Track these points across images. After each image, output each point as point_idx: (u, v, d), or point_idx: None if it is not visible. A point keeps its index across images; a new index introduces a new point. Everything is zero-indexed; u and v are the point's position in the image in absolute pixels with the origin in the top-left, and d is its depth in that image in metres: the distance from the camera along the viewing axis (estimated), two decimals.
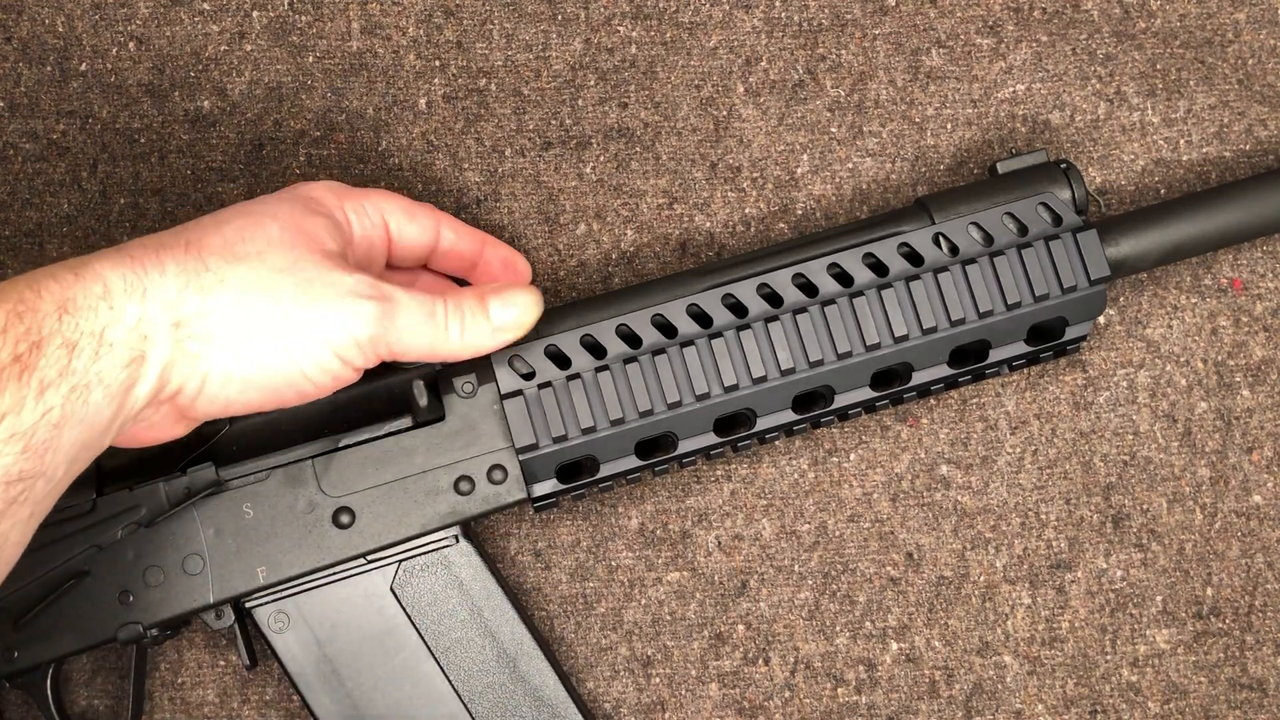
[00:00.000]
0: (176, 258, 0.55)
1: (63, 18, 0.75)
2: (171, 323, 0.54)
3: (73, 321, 0.51)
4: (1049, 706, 0.72)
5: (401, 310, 0.58)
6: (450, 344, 0.60)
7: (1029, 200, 0.67)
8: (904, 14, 0.77)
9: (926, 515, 0.73)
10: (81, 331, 0.51)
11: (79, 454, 0.52)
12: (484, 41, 0.76)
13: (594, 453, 0.65)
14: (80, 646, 0.63)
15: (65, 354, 0.50)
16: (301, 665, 0.64)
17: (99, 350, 0.52)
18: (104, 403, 0.52)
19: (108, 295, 0.52)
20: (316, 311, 0.56)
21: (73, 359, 0.51)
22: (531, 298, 0.62)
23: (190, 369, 0.55)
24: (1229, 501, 0.74)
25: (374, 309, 0.57)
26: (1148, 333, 0.75)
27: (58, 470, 0.51)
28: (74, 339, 0.51)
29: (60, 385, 0.50)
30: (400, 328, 0.59)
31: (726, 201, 0.75)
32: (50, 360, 0.50)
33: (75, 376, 0.51)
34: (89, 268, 0.53)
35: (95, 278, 0.52)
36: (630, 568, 0.72)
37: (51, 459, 0.51)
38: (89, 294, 0.52)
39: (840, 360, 0.66)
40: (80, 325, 0.51)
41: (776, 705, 0.72)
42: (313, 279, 0.57)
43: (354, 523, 0.64)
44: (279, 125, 0.75)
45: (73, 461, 0.52)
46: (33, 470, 0.50)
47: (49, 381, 0.50)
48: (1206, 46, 0.77)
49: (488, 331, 0.61)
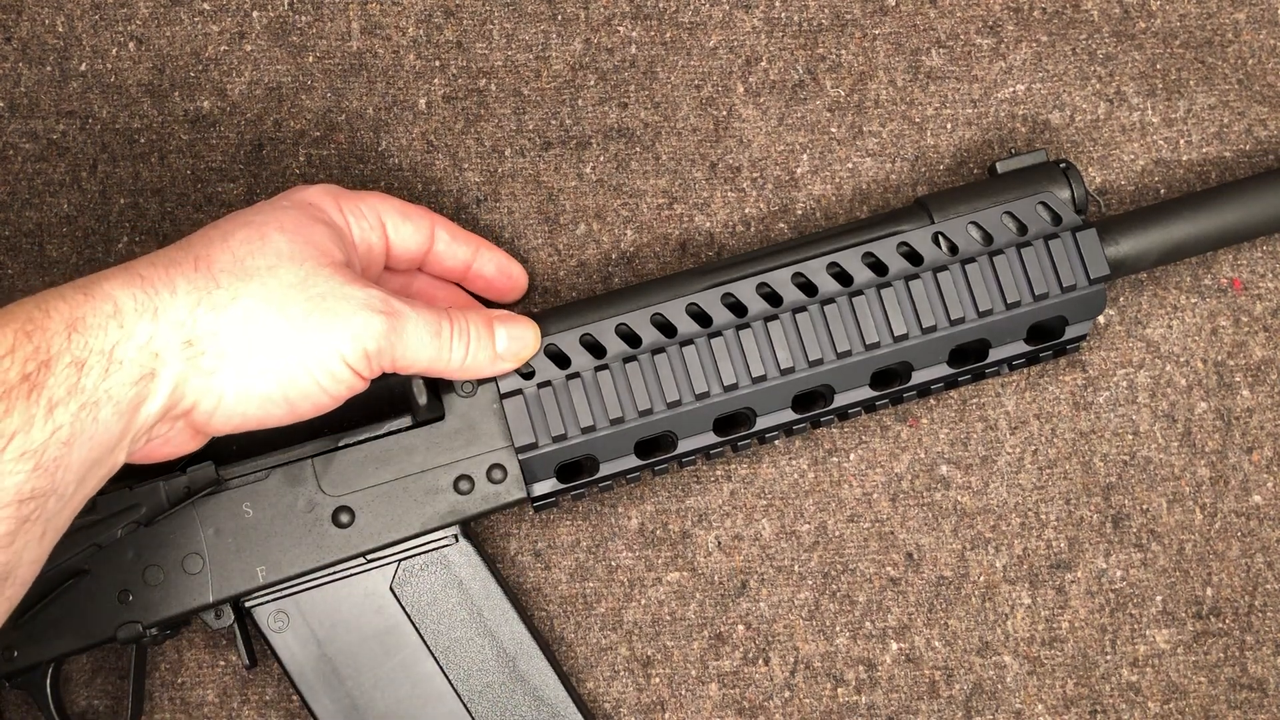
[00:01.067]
0: (187, 275, 0.55)
1: (63, 18, 0.75)
2: (183, 341, 0.54)
3: (82, 340, 0.51)
4: (1049, 706, 0.72)
5: (409, 326, 0.59)
6: (452, 364, 0.62)
7: (1029, 200, 0.67)
8: (904, 14, 0.77)
9: (926, 515, 0.73)
10: (91, 349, 0.51)
11: (90, 471, 0.53)
12: (484, 41, 0.76)
13: (594, 452, 0.65)
14: (80, 646, 0.63)
15: (74, 372, 0.51)
16: (301, 665, 0.64)
17: (108, 368, 0.52)
18: (113, 419, 0.52)
19: (118, 314, 0.53)
20: (329, 325, 0.57)
21: (82, 377, 0.51)
22: (534, 333, 0.64)
23: (204, 386, 0.55)
24: (1229, 501, 0.74)
25: (383, 323, 0.58)
26: (1148, 333, 0.74)
27: (69, 487, 0.52)
28: (83, 357, 0.51)
29: (69, 403, 0.50)
30: (407, 342, 0.59)
31: (726, 201, 0.75)
32: (59, 379, 0.50)
33: (84, 394, 0.51)
34: (98, 287, 0.53)
35: (105, 297, 0.53)
36: (630, 568, 0.72)
37: (62, 476, 0.51)
38: (99, 313, 0.52)
39: (840, 360, 0.66)
40: (90, 343, 0.51)
41: (776, 705, 0.72)
42: (324, 293, 0.57)
43: (354, 522, 0.64)
44: (279, 125, 0.75)
45: (84, 478, 0.53)
46: (45, 488, 0.50)
47: (58, 399, 0.50)
48: (1206, 46, 0.77)
49: (489, 359, 0.63)
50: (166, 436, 0.57)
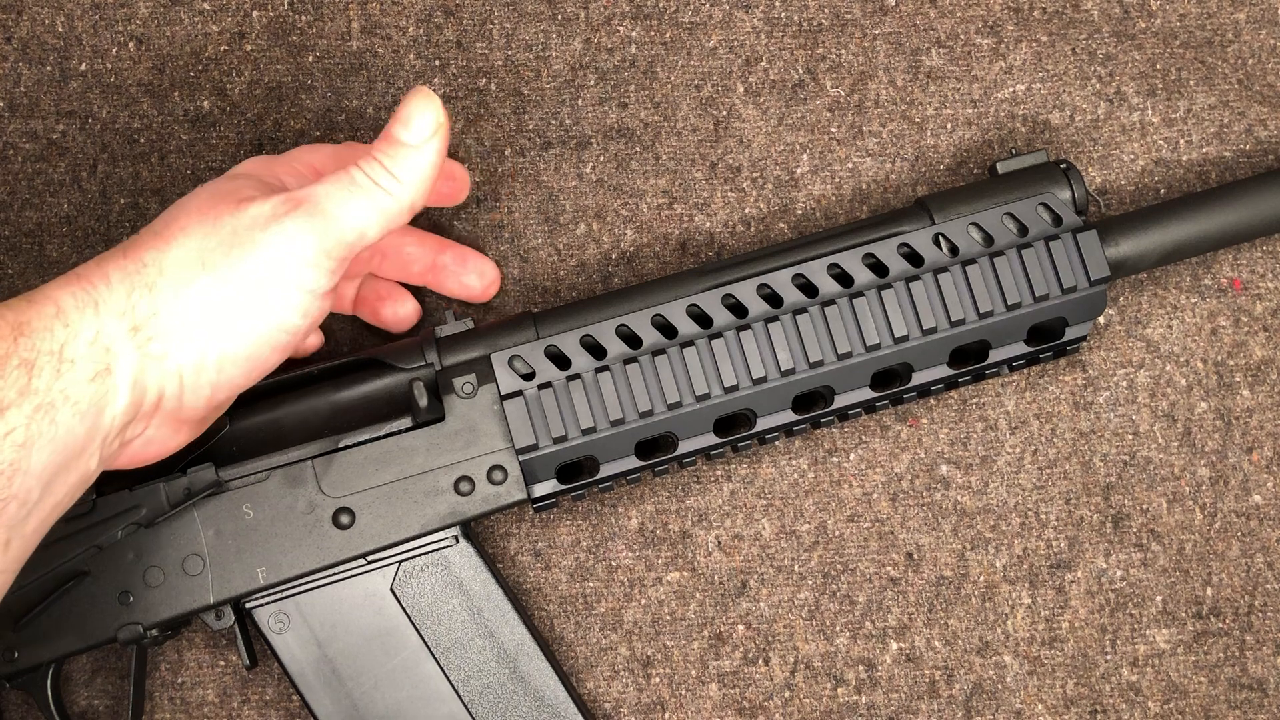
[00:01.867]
0: (118, 264, 0.55)
1: (63, 18, 0.75)
2: (130, 329, 0.54)
3: (29, 343, 0.51)
4: (1049, 706, 0.72)
5: (325, 200, 0.56)
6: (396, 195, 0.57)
7: (1029, 200, 0.67)
8: (904, 14, 0.77)
9: (926, 515, 0.73)
10: (38, 351, 0.51)
11: (56, 477, 0.52)
12: (484, 41, 0.76)
13: (594, 453, 0.65)
14: (80, 647, 0.63)
15: (24, 374, 0.50)
16: (301, 665, 0.64)
17: (60, 368, 0.51)
18: (75, 422, 0.52)
19: (60, 314, 0.52)
20: (255, 257, 0.55)
21: (32, 378, 0.51)
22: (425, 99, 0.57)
23: (160, 371, 0.54)
24: (1229, 501, 0.74)
25: (302, 219, 0.55)
26: (1148, 333, 0.75)
27: (32, 494, 0.51)
28: (31, 358, 0.51)
29: (22, 405, 0.50)
30: (338, 216, 0.56)
31: (726, 201, 0.75)
32: (8, 381, 0.50)
33: (38, 395, 0.51)
34: (42, 293, 0.53)
35: (48, 300, 0.53)
36: (630, 568, 0.72)
37: (22, 482, 0.50)
38: (43, 315, 0.52)
39: (840, 360, 0.66)
40: (36, 345, 0.51)
41: (776, 705, 0.72)
42: (235, 227, 0.55)
43: (354, 523, 0.64)
44: (279, 125, 0.75)
45: (49, 485, 0.52)
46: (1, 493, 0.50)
47: (9, 402, 0.50)
48: (1206, 46, 0.77)
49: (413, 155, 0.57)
50: (147, 436, 0.57)
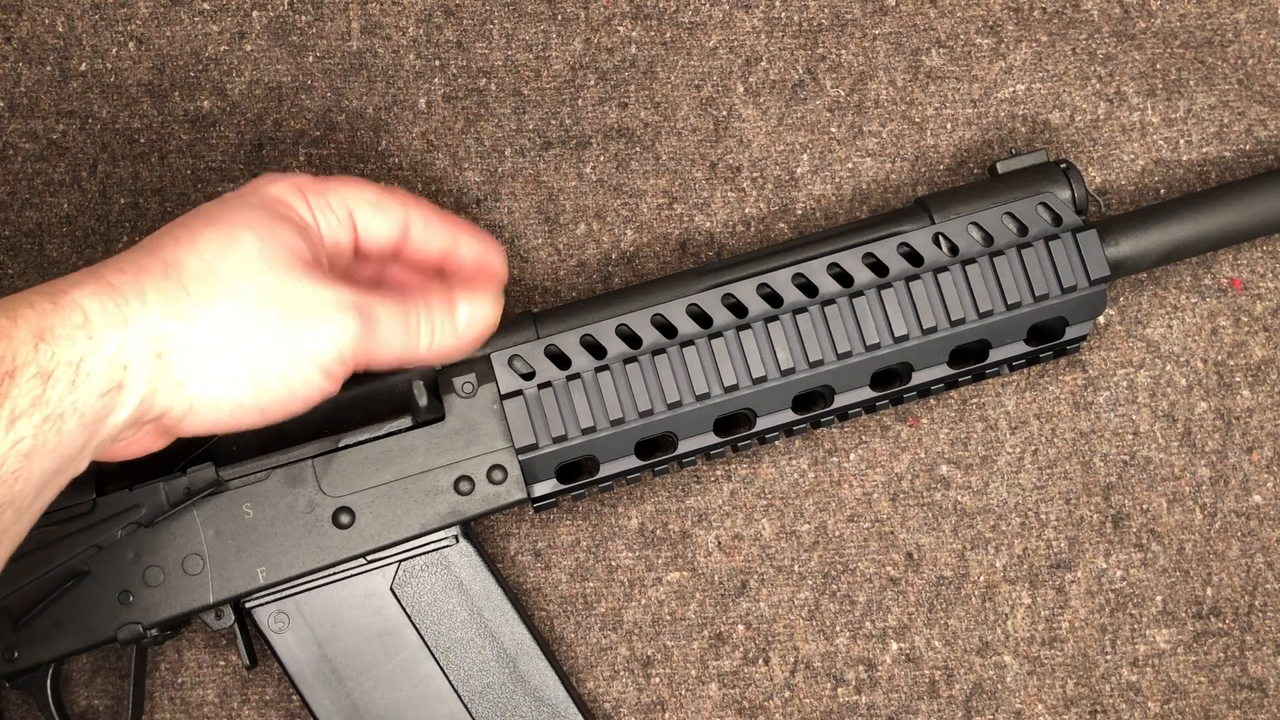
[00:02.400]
0: (156, 283, 0.53)
1: (63, 18, 0.75)
2: (154, 354, 0.53)
3: (49, 350, 0.49)
4: (1049, 706, 0.72)
5: (381, 321, 0.58)
6: (419, 351, 0.60)
7: (1029, 200, 0.67)
8: (904, 14, 0.77)
9: (926, 515, 0.73)
10: (58, 361, 0.49)
11: (50, 481, 0.51)
12: (484, 41, 0.76)
13: (594, 453, 0.65)
14: (80, 646, 0.63)
15: (40, 384, 0.49)
16: (301, 665, 0.64)
17: (75, 380, 0.50)
18: (77, 431, 0.51)
19: (87, 324, 0.51)
20: (302, 329, 0.55)
21: (48, 389, 0.49)
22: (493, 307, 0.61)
23: (175, 395, 0.54)
24: (1229, 501, 0.74)
25: (357, 327, 0.56)
26: (1148, 333, 0.74)
27: (27, 499, 0.50)
28: (50, 368, 0.49)
29: (33, 415, 0.49)
30: (379, 338, 0.58)
31: (726, 201, 0.75)
32: (24, 390, 0.48)
33: (49, 406, 0.49)
34: (67, 295, 0.51)
35: (74, 306, 0.51)
36: (630, 568, 0.72)
37: (21, 489, 0.49)
38: (67, 323, 0.50)
39: (840, 360, 0.66)
40: (57, 354, 0.49)
41: (776, 705, 0.72)
42: (295, 298, 0.56)
43: (354, 523, 0.64)
44: (279, 125, 0.75)
45: (42, 489, 0.51)
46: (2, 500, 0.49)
47: (21, 411, 0.48)
48: (1206, 46, 0.77)
49: (451, 335, 0.61)
50: (131, 439, 0.56)
